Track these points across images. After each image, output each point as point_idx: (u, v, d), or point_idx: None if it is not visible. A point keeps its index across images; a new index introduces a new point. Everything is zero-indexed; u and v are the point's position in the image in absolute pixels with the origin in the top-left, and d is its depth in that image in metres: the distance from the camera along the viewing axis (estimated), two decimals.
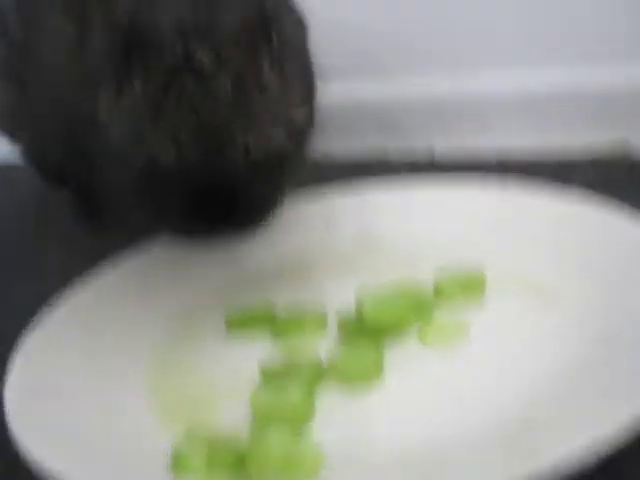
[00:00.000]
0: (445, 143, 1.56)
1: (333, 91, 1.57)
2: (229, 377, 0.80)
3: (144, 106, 0.81)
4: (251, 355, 0.82)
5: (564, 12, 1.41)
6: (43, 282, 1.24)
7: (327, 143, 1.65)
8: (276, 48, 0.87)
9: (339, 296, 0.89)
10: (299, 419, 0.70)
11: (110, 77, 0.87)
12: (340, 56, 1.59)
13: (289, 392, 0.72)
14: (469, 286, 0.87)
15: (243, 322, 0.88)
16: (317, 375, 0.75)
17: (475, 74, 1.52)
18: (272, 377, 0.76)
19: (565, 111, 1.44)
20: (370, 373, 0.75)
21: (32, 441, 0.66)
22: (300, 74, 0.92)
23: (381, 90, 1.62)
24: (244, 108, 0.80)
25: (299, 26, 1.03)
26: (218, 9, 0.81)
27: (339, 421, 0.71)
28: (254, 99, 0.81)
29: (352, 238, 1.05)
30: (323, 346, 0.81)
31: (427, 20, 1.55)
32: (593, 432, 0.54)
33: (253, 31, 0.83)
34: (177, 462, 0.63)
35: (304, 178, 1.48)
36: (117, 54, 0.86)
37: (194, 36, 0.79)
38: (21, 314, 1.12)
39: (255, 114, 0.80)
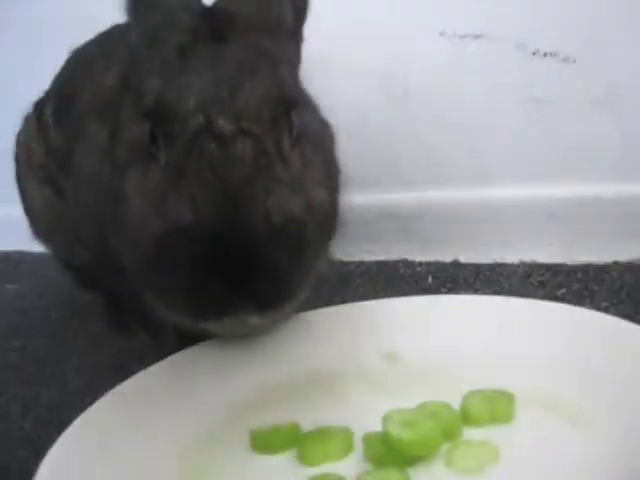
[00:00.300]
0: (470, 253, 1.57)
1: (361, 200, 1.62)
2: None
3: (168, 173, 0.83)
4: (276, 474, 0.82)
5: (590, 130, 1.44)
6: (67, 381, 1.26)
7: (354, 249, 1.69)
8: (296, 128, 0.89)
9: (365, 415, 0.88)
10: None
11: (138, 157, 0.91)
12: (368, 167, 1.65)
13: None
14: (497, 408, 0.86)
15: (269, 439, 0.87)
16: None
17: (500, 187, 1.54)
18: None
19: (589, 223, 1.46)
20: None
21: None
22: (322, 164, 0.94)
23: (407, 200, 1.64)
24: (265, 171, 0.80)
25: (323, 126, 1.06)
26: (241, 87, 0.83)
27: None
28: (275, 164, 0.82)
29: (378, 353, 1.04)
30: (349, 467, 0.80)
31: (455, 134, 1.58)
32: None
33: (273, 108, 0.85)
34: None
35: (331, 281, 1.52)
36: (145, 136, 0.89)
37: (216, 106, 0.82)
38: (45, 413, 1.14)
39: (276, 178, 0.81)
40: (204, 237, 0.77)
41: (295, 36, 1.04)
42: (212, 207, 0.77)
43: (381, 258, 1.69)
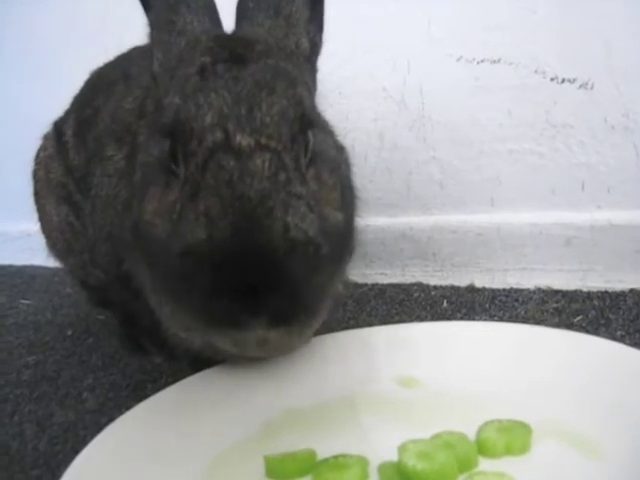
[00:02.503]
0: (485, 278, 1.57)
1: (376, 222, 1.62)
2: None
3: (184, 188, 0.83)
4: None
5: (606, 156, 1.44)
6: (83, 400, 1.26)
7: (368, 271, 1.69)
8: (311, 148, 0.89)
9: (381, 443, 0.87)
10: None
11: (157, 176, 0.91)
12: (384, 190, 1.65)
13: None
14: (513, 439, 0.85)
15: (283, 466, 0.86)
16: None
17: (516, 212, 1.54)
18: None
19: (605, 250, 1.45)
20: None
21: None
22: (337, 187, 0.93)
23: (423, 223, 1.64)
24: (284, 187, 0.80)
25: (339, 151, 1.06)
26: (259, 105, 0.84)
27: None
28: (293, 180, 0.82)
29: (395, 379, 1.04)
30: None
31: (471, 158, 1.59)
32: None
33: (291, 125, 0.85)
34: None
35: (345, 303, 1.52)
36: (164, 153, 0.89)
37: (234, 122, 0.82)
38: (60, 433, 1.14)
39: (295, 194, 0.81)
40: (218, 253, 0.76)
41: (311, 62, 1.04)
42: (229, 223, 0.77)
43: (395, 281, 1.69)
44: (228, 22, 1.06)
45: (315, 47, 1.04)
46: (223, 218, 0.77)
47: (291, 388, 1.04)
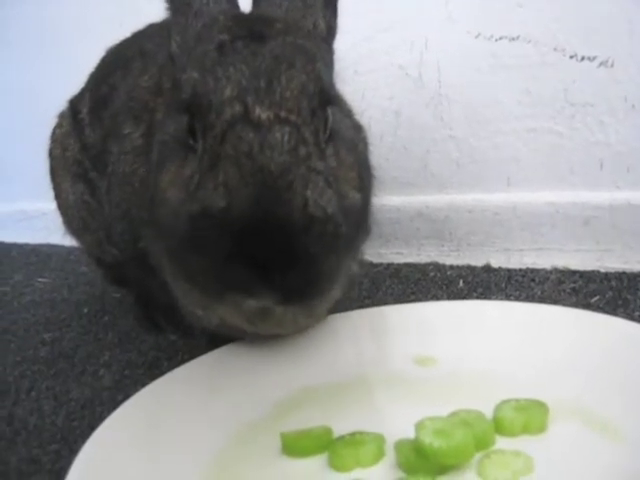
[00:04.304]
0: (502, 258, 1.56)
1: (393, 201, 1.61)
2: None
3: (204, 162, 0.83)
4: (306, 478, 0.82)
5: (626, 135, 1.43)
6: (99, 377, 1.27)
7: (384, 251, 1.69)
8: (331, 127, 0.88)
9: (397, 421, 0.87)
10: None
11: (175, 151, 0.91)
12: (401, 169, 1.64)
13: None
14: (531, 417, 0.85)
15: (299, 443, 0.86)
16: None
17: (534, 191, 1.52)
18: None
19: (624, 230, 1.44)
20: None
21: None
22: (354, 165, 0.92)
23: (440, 203, 1.64)
24: (304, 161, 0.79)
25: (356, 130, 1.06)
26: (279, 79, 0.83)
27: None
28: (313, 155, 0.81)
29: (412, 357, 1.04)
30: (380, 474, 0.80)
31: (489, 137, 1.57)
32: None
33: (311, 99, 0.85)
34: None
35: (362, 282, 1.52)
36: (183, 129, 0.89)
37: (253, 95, 0.81)
38: (77, 409, 1.15)
39: (315, 169, 0.80)
40: (237, 222, 0.76)
41: (328, 43, 1.04)
42: (248, 193, 0.76)
43: (411, 260, 1.69)
44: (245, 4, 1.05)
45: (331, 30, 1.04)
46: (243, 188, 0.76)
47: (307, 366, 1.04)
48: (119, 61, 1.39)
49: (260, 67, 0.85)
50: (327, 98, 0.89)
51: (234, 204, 0.77)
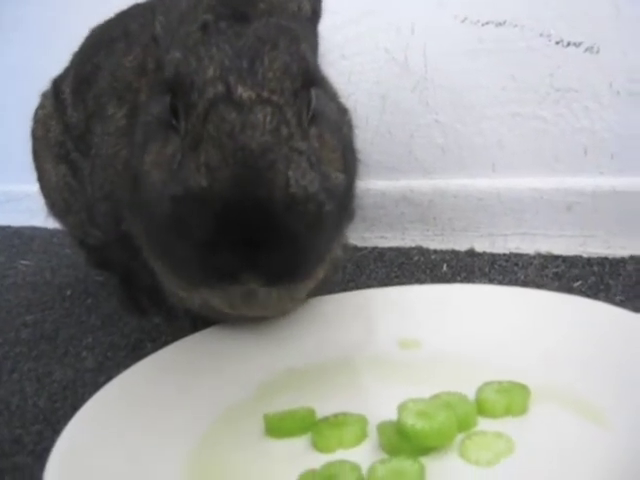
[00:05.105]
0: (485, 243, 1.57)
1: (377, 185, 1.61)
2: None
3: (185, 143, 0.82)
4: (289, 459, 0.82)
5: (610, 121, 1.43)
6: (81, 359, 1.27)
7: (368, 234, 1.69)
8: (314, 109, 0.88)
9: (380, 403, 0.88)
10: None
11: (158, 132, 0.90)
12: (386, 153, 1.64)
13: None
14: (512, 399, 0.85)
15: (283, 424, 0.87)
16: None
17: (518, 177, 1.53)
18: None
19: (607, 216, 1.45)
20: None
21: None
22: (339, 148, 0.92)
23: (424, 187, 1.64)
24: (286, 141, 0.79)
25: (341, 113, 1.05)
26: (261, 59, 0.83)
27: None
28: (295, 135, 0.81)
29: (395, 340, 1.04)
30: (363, 455, 0.80)
31: (474, 121, 1.57)
32: None
33: (294, 80, 0.84)
34: None
35: (345, 266, 1.52)
36: (165, 109, 0.88)
37: (235, 75, 0.81)
38: (60, 390, 1.14)
39: (297, 149, 0.80)
40: (219, 202, 0.75)
41: (313, 25, 1.03)
42: (229, 173, 0.76)
43: (395, 244, 1.69)
44: None
45: (315, 12, 1.03)
46: (224, 168, 0.76)
47: (290, 348, 1.04)
48: (103, 41, 1.37)
49: (243, 47, 0.84)
50: (311, 79, 0.89)
51: (215, 184, 0.76)
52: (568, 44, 1.45)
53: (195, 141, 0.81)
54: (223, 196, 0.76)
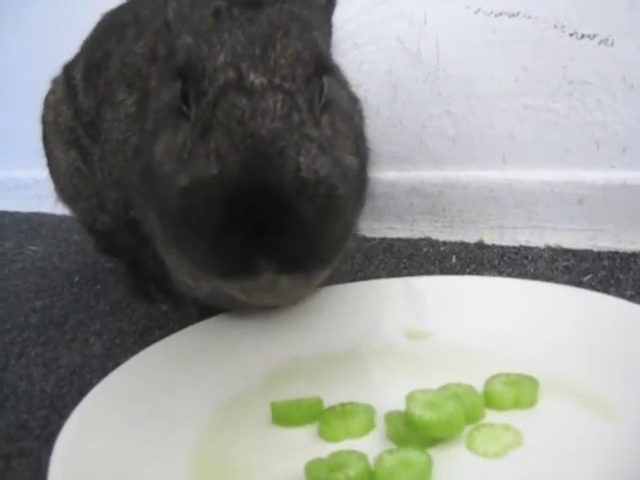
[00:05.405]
0: (495, 235, 1.56)
1: (387, 176, 1.61)
2: (272, 471, 0.78)
3: (195, 129, 0.81)
4: (296, 448, 0.82)
5: (623, 115, 1.42)
6: (89, 345, 1.27)
7: (378, 225, 1.68)
8: (326, 96, 0.87)
9: (388, 393, 0.87)
10: None
11: (169, 119, 0.90)
12: (396, 143, 1.63)
13: None
14: (521, 392, 0.85)
15: (290, 413, 0.86)
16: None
17: (529, 169, 1.52)
18: (318, 475, 0.74)
19: (617, 210, 1.44)
20: None
21: None
22: (351, 135, 0.91)
23: (434, 178, 1.63)
24: (297, 128, 0.78)
25: (352, 102, 1.05)
26: (273, 45, 0.82)
27: None
28: (307, 122, 0.80)
29: (404, 331, 1.04)
30: (370, 445, 0.80)
31: (486, 113, 1.57)
32: None
33: (306, 67, 0.83)
34: None
35: (354, 256, 1.52)
36: (176, 95, 0.87)
37: (247, 61, 0.80)
38: (67, 375, 1.15)
39: (308, 136, 0.79)
40: (229, 190, 0.74)
41: (327, 14, 1.02)
42: (240, 160, 0.75)
43: (404, 235, 1.68)
44: None
45: (330, 3, 1.02)
46: (234, 155, 0.75)
47: (298, 338, 1.04)
48: (114, 27, 1.37)
49: (255, 34, 0.84)
50: (323, 67, 0.88)
51: (225, 171, 0.75)
52: (582, 36, 1.44)
53: (205, 128, 0.80)
54: (233, 183, 0.74)
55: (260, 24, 0.85)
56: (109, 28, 1.41)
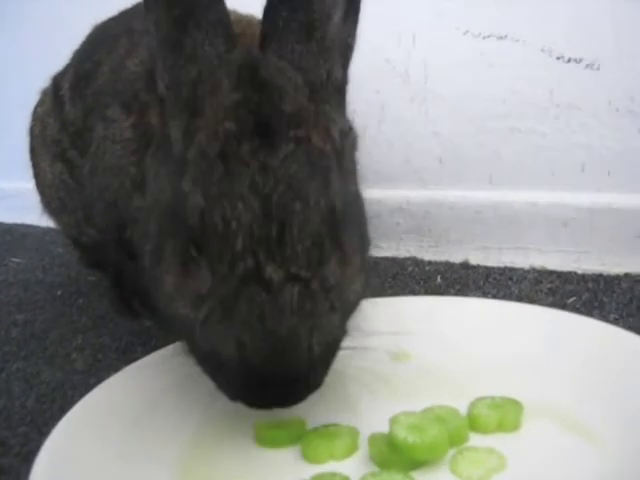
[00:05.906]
0: (480, 256, 1.56)
1: (373, 194, 1.60)
2: None
3: (215, 306, 0.80)
4: (278, 470, 0.81)
5: (609, 138, 1.44)
6: (71, 360, 1.26)
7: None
8: (342, 243, 0.84)
9: (372, 415, 0.87)
10: None
11: (174, 255, 0.85)
12: (383, 162, 1.64)
13: None
14: (505, 415, 0.85)
15: (273, 434, 0.86)
16: None
17: (515, 190, 1.53)
18: None
19: (603, 233, 1.45)
20: None
21: None
22: (364, 267, 0.90)
23: (420, 198, 1.64)
24: (310, 317, 0.78)
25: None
26: (290, 227, 0.78)
27: None
28: (319, 305, 0.79)
29: (388, 352, 1.04)
30: (353, 467, 0.79)
31: (472, 134, 1.58)
32: None
33: (321, 244, 0.80)
34: None
35: None
36: (188, 245, 0.83)
37: (265, 251, 0.77)
38: (48, 392, 1.13)
39: (319, 315, 0.79)
40: (247, 371, 0.77)
41: (342, 93, 1.00)
42: (258, 350, 0.76)
43: (390, 254, 1.68)
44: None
45: (348, 51, 1.00)
46: (253, 348, 0.77)
47: None
48: (105, 38, 1.36)
49: (271, 199, 0.79)
50: (340, 223, 0.84)
51: (244, 356, 0.77)
52: (569, 60, 1.46)
53: (225, 312, 0.79)
54: (251, 367, 0.77)
55: (276, 180, 0.79)
56: (99, 39, 1.40)
